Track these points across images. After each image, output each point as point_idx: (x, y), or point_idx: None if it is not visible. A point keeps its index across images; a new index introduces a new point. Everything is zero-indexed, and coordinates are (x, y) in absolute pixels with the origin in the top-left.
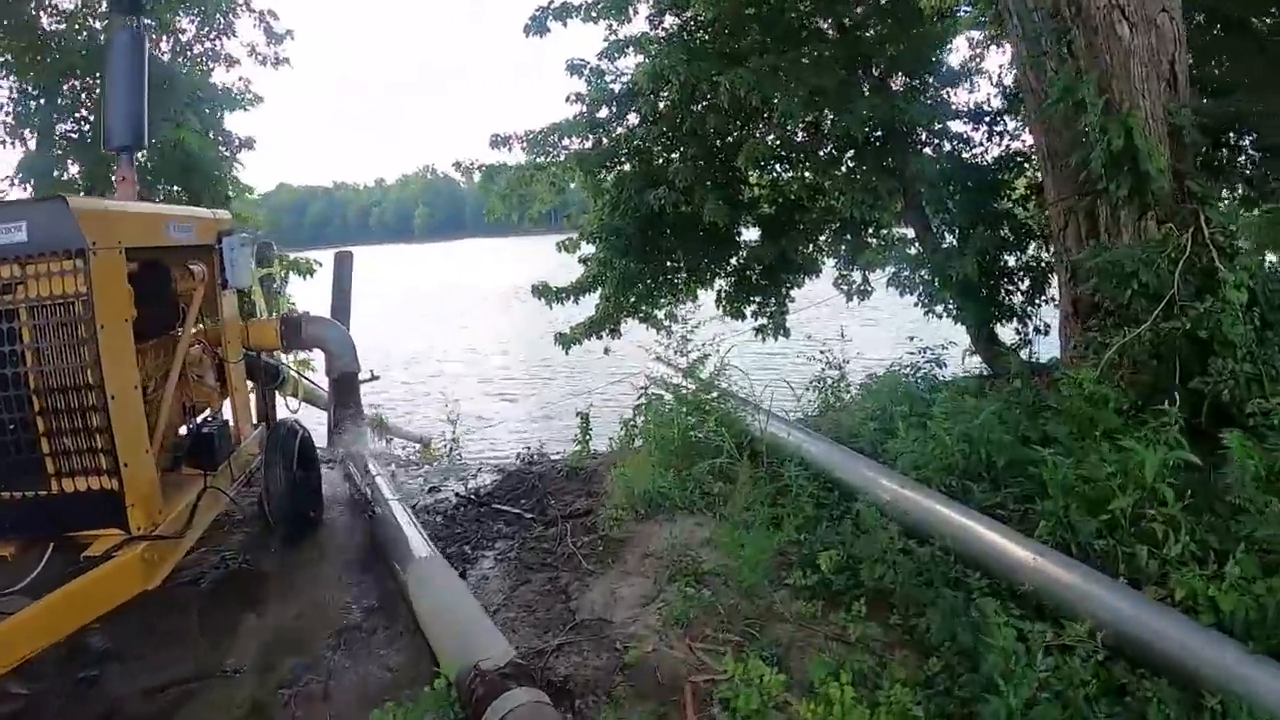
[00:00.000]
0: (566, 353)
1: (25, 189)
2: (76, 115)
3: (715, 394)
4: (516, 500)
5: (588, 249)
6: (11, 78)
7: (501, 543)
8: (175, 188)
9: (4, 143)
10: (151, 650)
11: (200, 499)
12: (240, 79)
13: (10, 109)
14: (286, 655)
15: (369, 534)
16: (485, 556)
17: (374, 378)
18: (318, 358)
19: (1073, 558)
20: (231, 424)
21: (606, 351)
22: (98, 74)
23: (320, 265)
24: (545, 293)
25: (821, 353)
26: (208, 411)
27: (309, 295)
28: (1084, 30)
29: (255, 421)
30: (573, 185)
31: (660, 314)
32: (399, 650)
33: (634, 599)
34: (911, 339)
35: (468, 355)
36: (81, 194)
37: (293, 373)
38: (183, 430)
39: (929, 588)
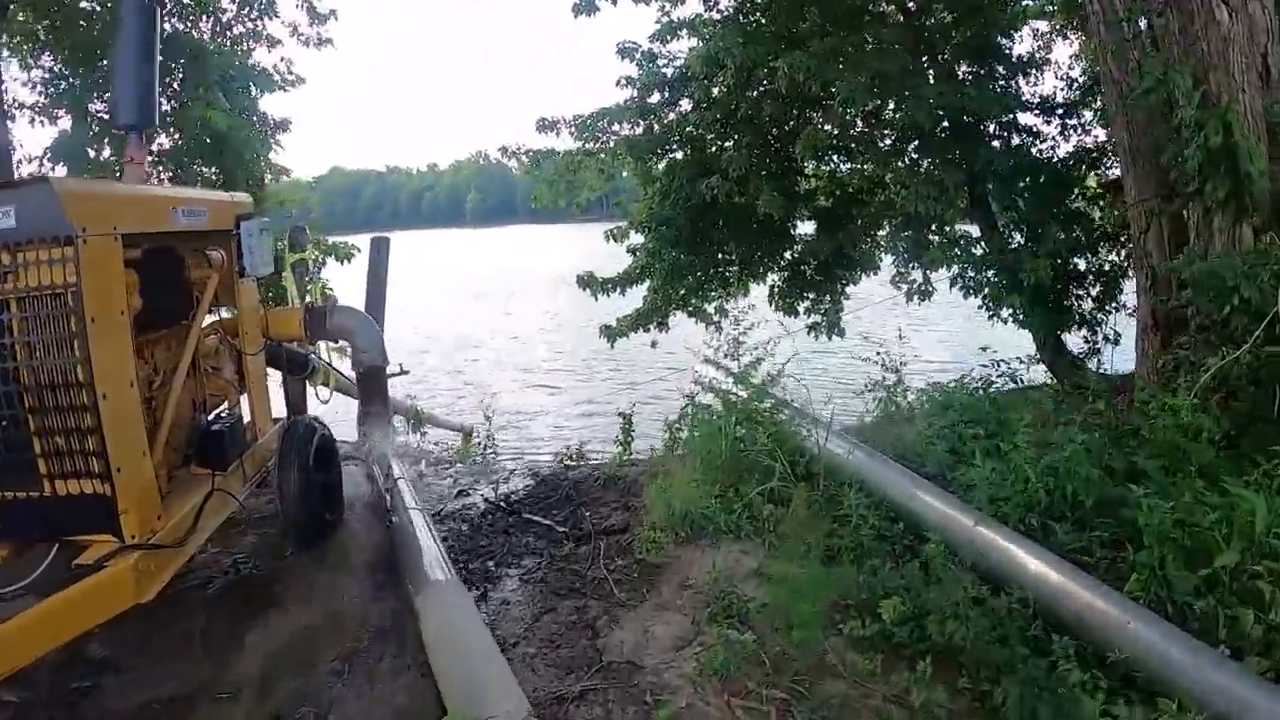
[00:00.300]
0: (612, 346)
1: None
2: (109, 94)
3: (768, 403)
4: (549, 510)
5: (637, 239)
6: (45, 55)
7: (529, 559)
8: (211, 169)
9: (37, 122)
10: (149, 662)
11: (206, 503)
12: (282, 59)
13: (43, 88)
14: (286, 678)
15: (388, 542)
16: (510, 576)
17: (402, 372)
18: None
19: (1168, 619)
20: (249, 419)
21: (654, 345)
22: None
23: (359, 251)
24: (590, 283)
25: (879, 354)
26: (223, 407)
27: (348, 281)
28: (1177, 14)
29: (287, 415)
30: (625, 173)
31: (710, 308)
32: (406, 685)
33: (668, 640)
34: (985, 349)
35: (511, 344)
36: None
37: (324, 362)
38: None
39: (1004, 646)
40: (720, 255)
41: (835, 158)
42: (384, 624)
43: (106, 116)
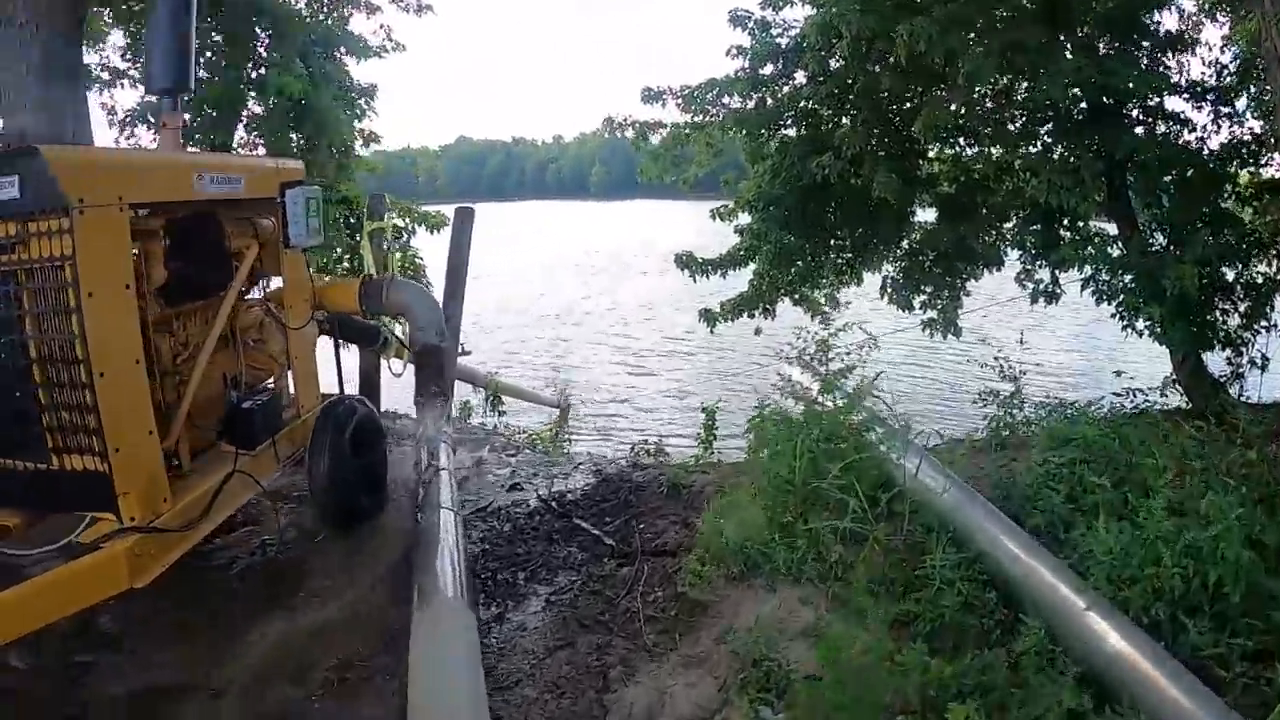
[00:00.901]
0: (711, 331)
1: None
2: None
3: (856, 417)
4: (601, 517)
5: (744, 218)
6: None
7: (564, 576)
8: (294, 136)
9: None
10: (151, 644)
11: (225, 485)
12: (381, 26)
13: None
14: (277, 682)
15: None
16: (537, 594)
17: (464, 353)
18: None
19: None
20: (292, 395)
21: (758, 332)
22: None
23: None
24: (689, 264)
25: (996, 358)
26: (269, 382)
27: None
28: None
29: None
30: (739, 151)
31: (820, 296)
32: (391, 711)
33: (687, 709)
34: (1119, 374)
35: (610, 320)
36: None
37: (395, 335)
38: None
39: None
40: (832, 240)
41: (960, 140)
42: (397, 631)
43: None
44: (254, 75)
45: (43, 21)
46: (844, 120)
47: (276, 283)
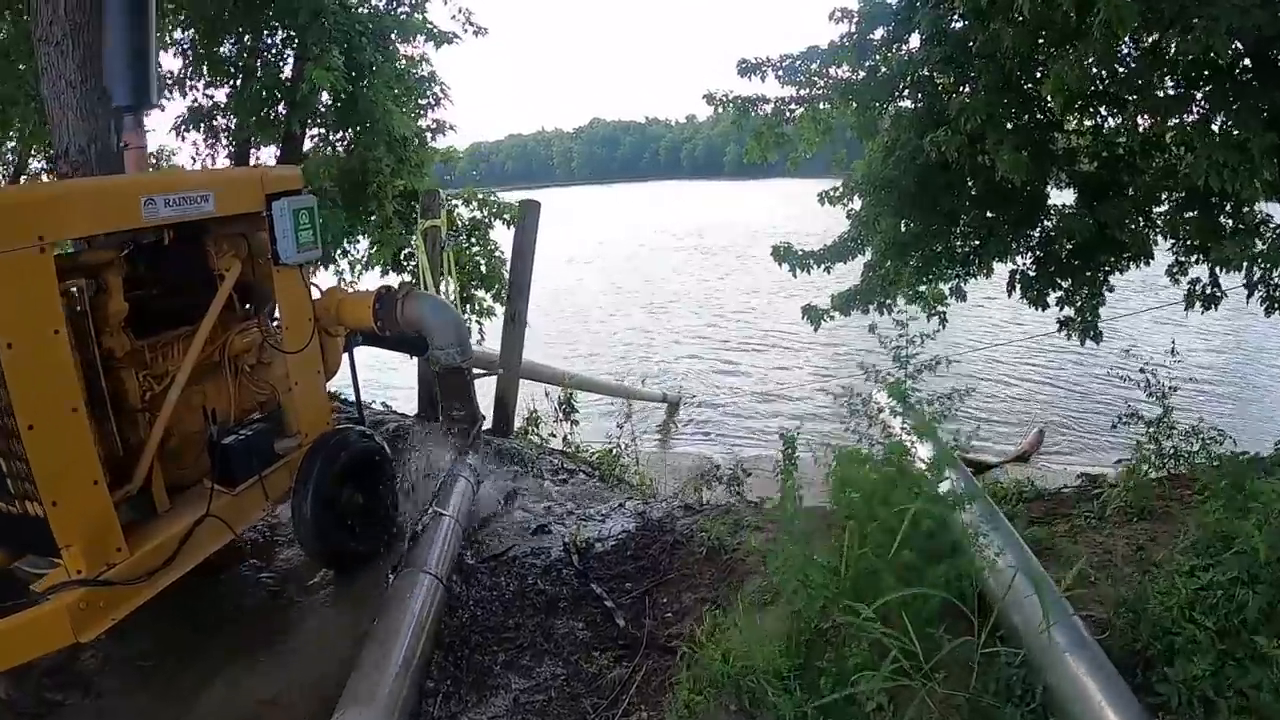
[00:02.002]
0: (815, 329)
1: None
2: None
3: (940, 488)
4: (623, 582)
5: (857, 203)
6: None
7: (549, 665)
8: (336, 133)
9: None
10: (119, 690)
11: (195, 529)
12: (460, 10)
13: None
14: None
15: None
16: (509, 688)
17: (492, 372)
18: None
19: None
20: (293, 424)
21: (873, 329)
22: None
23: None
24: (787, 257)
25: (1143, 370)
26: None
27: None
28: None
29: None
30: (850, 127)
31: (944, 288)
32: None
33: None
34: None
35: (713, 310)
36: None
37: None
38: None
39: None
40: (954, 227)
41: (1101, 108)
42: None
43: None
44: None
45: (78, 38)
46: (964, 88)
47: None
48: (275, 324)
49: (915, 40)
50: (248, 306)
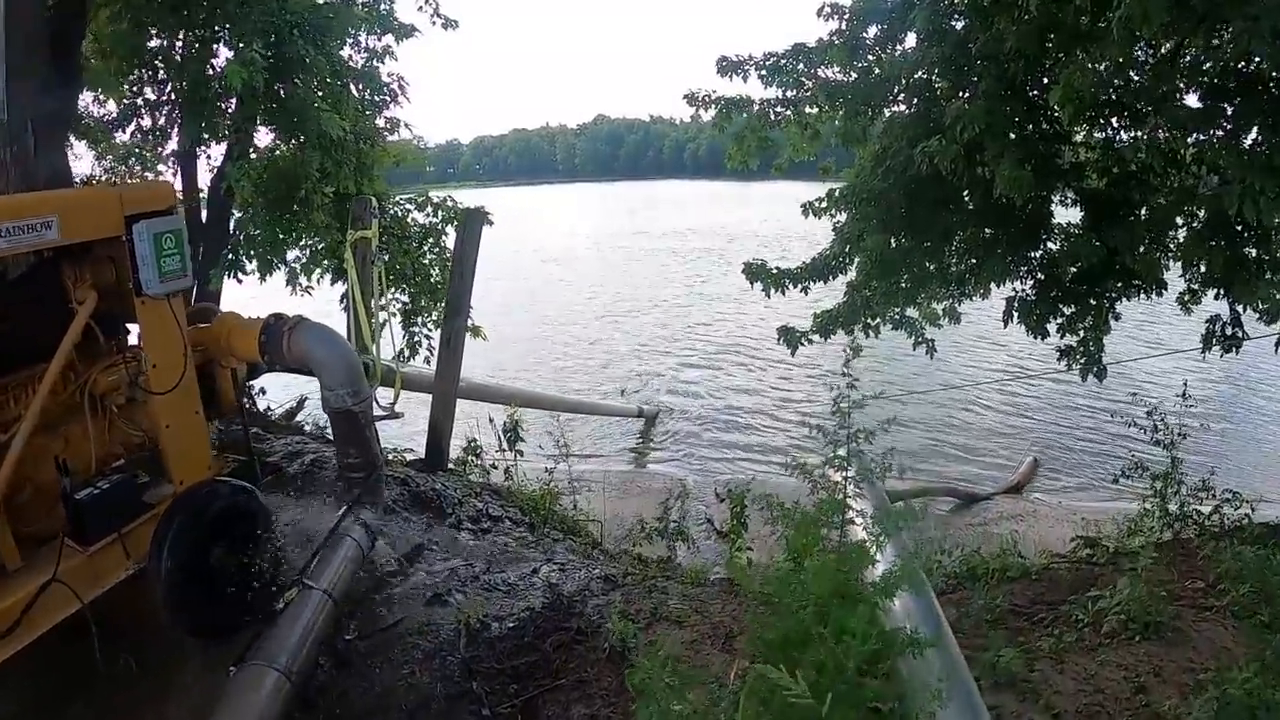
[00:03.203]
0: (793, 353)
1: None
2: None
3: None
4: (507, 685)
5: (842, 216)
6: None
7: None
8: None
9: None
10: None
11: (39, 596)
12: (429, 1)
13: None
14: None
15: None
16: None
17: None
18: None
19: None
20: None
21: (856, 352)
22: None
23: (489, 216)
24: (761, 276)
25: (1151, 414)
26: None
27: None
28: None
29: None
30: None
31: (939, 308)
32: None
33: None
34: None
35: (695, 330)
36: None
37: (377, 360)
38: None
39: None
40: (947, 246)
41: (1114, 119)
42: None
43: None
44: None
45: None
46: (963, 94)
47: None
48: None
49: (911, 40)
50: (113, 341)
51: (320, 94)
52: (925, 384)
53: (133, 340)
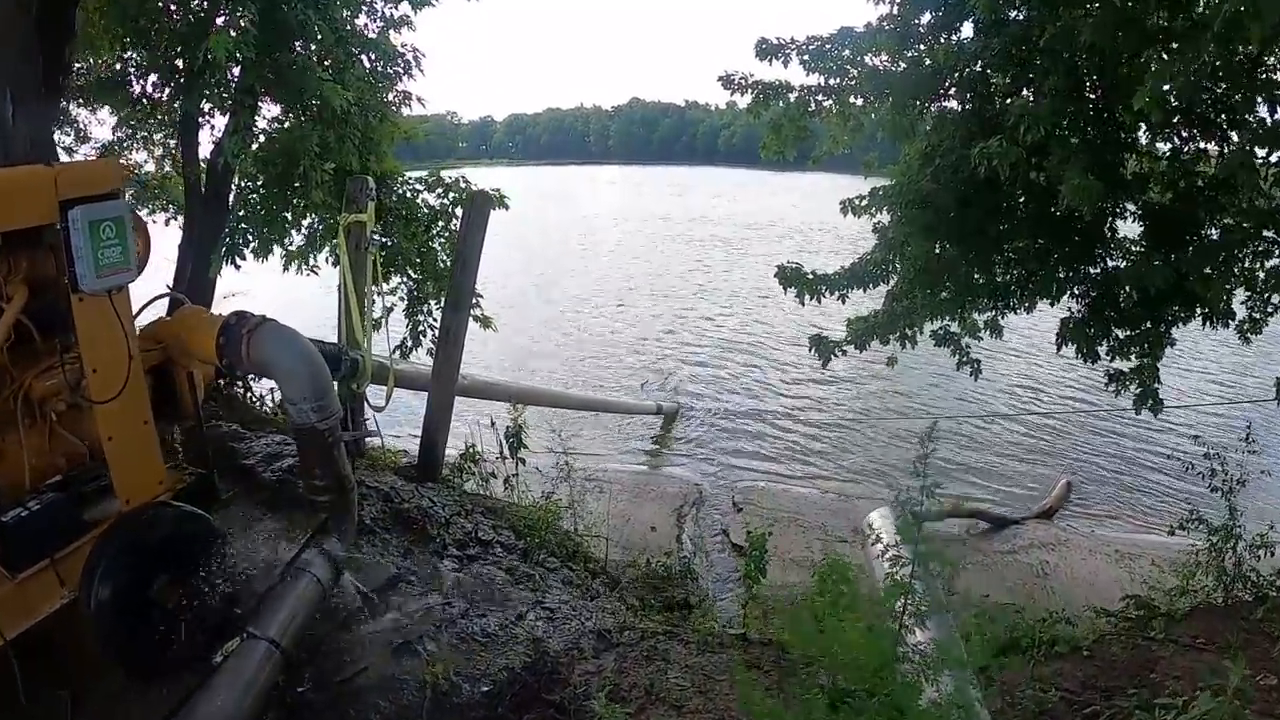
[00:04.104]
0: (824, 365)
1: None
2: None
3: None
4: None
5: (884, 217)
6: None
7: None
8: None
9: None
10: None
11: None
12: None
13: None
14: None
15: None
16: None
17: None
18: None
19: None
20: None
21: (891, 363)
22: None
23: (503, 198)
24: (796, 281)
25: (1209, 455)
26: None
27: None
28: None
29: None
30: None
31: (978, 320)
32: None
33: None
34: None
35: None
36: None
37: (367, 355)
38: None
39: None
40: (996, 256)
41: (1183, 128)
42: None
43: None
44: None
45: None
46: (1024, 91)
47: None
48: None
49: (968, 30)
50: (54, 341)
51: (326, 63)
52: (941, 393)
53: None
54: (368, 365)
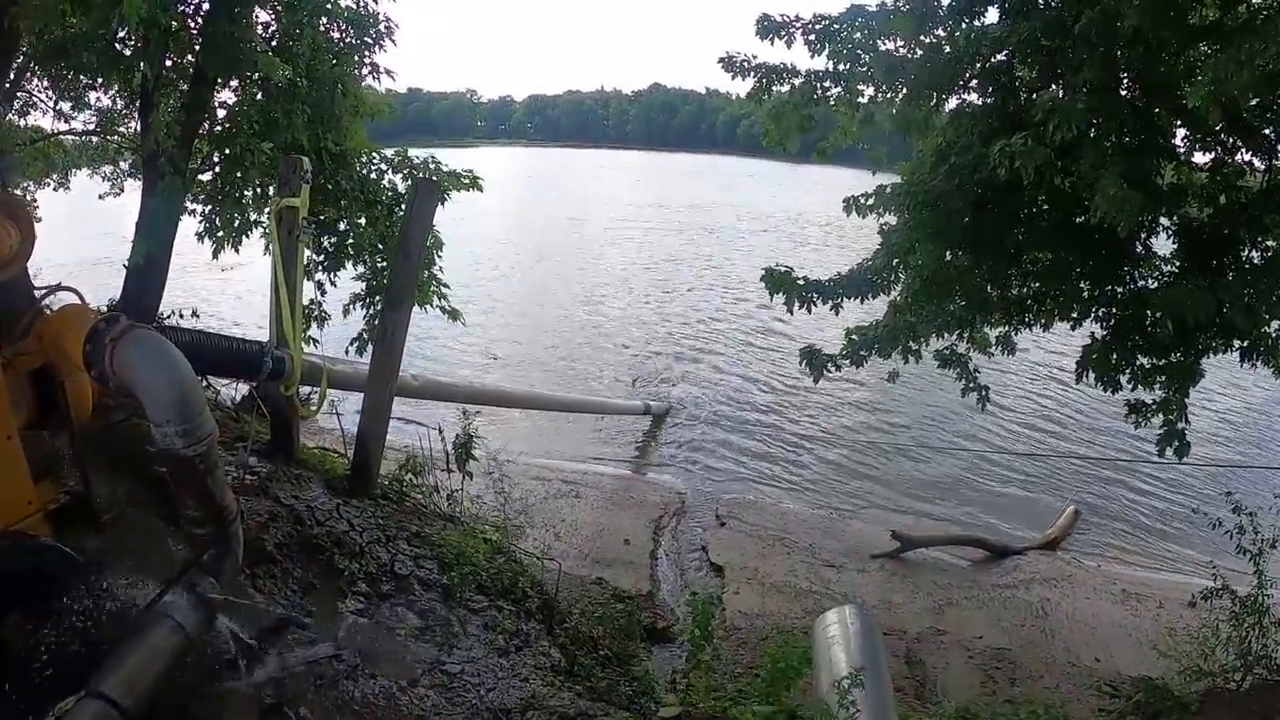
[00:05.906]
0: (815, 381)
1: None
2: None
3: None
4: None
5: (890, 219)
6: None
7: None
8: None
9: None
10: None
11: None
12: None
13: None
14: None
15: None
16: None
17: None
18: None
19: None
20: None
21: (893, 378)
22: None
23: (476, 180)
24: (783, 285)
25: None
26: None
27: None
28: None
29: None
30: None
31: (988, 335)
32: None
33: None
34: None
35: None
36: None
37: (297, 353)
38: None
39: None
40: (1011, 269)
41: (1227, 139)
42: None
43: None
44: None
45: None
46: (1053, 85)
47: None
48: None
49: (992, 14)
50: None
51: (273, 32)
52: (933, 404)
53: None
54: (297, 365)
